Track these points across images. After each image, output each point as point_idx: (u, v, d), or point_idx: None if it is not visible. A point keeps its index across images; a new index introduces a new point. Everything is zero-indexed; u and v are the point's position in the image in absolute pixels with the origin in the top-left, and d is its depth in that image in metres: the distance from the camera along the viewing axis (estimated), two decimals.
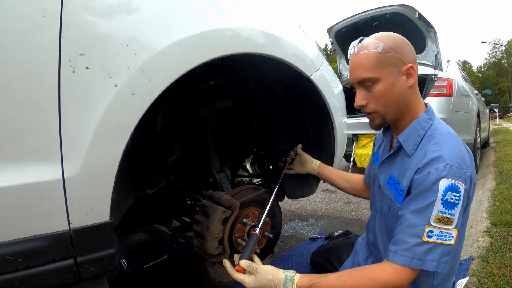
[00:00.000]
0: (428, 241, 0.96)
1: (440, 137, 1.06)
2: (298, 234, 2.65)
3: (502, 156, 5.28)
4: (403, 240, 1.01)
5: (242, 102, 1.68)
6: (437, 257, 0.97)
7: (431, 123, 1.12)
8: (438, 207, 0.96)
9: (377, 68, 1.09)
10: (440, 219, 0.96)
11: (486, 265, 1.69)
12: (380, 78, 1.09)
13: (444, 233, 0.96)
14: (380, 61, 1.08)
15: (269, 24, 1.25)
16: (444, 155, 0.99)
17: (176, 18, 0.98)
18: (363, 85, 1.13)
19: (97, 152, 0.84)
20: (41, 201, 0.80)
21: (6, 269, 0.78)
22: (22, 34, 0.76)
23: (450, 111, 3.63)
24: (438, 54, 3.77)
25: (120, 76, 0.85)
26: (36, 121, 0.78)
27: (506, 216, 2.31)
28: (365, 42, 1.12)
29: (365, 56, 1.10)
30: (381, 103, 1.13)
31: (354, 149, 3.90)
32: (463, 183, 0.97)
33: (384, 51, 1.08)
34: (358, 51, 1.13)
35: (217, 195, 1.36)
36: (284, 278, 1.10)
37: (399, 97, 1.11)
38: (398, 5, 3.65)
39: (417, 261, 0.97)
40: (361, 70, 1.11)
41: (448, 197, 0.96)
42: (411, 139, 1.12)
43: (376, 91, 1.11)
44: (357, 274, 1.05)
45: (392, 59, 1.08)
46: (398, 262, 1.00)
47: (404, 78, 1.10)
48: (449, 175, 0.96)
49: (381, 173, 1.28)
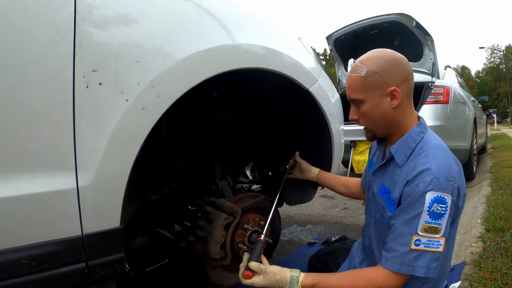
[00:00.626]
0: (415, 249, 1.03)
1: (430, 150, 1.11)
2: (296, 239, 2.69)
3: (499, 162, 5.32)
4: (393, 248, 1.08)
5: (243, 112, 1.73)
6: (426, 264, 1.03)
7: (422, 136, 1.16)
8: (424, 218, 1.02)
9: (361, 91, 1.16)
10: (427, 229, 1.02)
11: (478, 270, 1.74)
12: (364, 100, 1.17)
13: (431, 241, 1.03)
14: (363, 84, 1.15)
15: (270, 39, 1.31)
16: (432, 168, 1.04)
17: (183, 35, 1.04)
18: (353, 103, 1.22)
19: (109, 163, 0.89)
20: (56, 208, 0.84)
21: (20, 272, 0.82)
22: (38, 50, 0.82)
23: (446, 119, 3.68)
24: (435, 62, 3.82)
25: (131, 91, 0.91)
26: (52, 134, 0.84)
27: (500, 222, 2.36)
28: (356, 64, 1.19)
29: (352, 79, 1.18)
30: (368, 120, 1.21)
31: (352, 155, 3.95)
32: (449, 195, 1.02)
33: (367, 75, 1.14)
34: (348, 73, 1.21)
35: (219, 202, 1.42)
36: (290, 277, 1.17)
37: (383, 117, 1.18)
38: (396, 13, 3.70)
39: (407, 267, 1.04)
40: (349, 91, 1.21)
41: (434, 209, 1.01)
42: (402, 151, 1.17)
43: (362, 110, 1.19)
44: (355, 275, 1.14)
45: (375, 82, 1.14)
46: (389, 267, 1.07)
47: (388, 99, 1.15)
48: (435, 188, 1.02)
49: (374, 181, 1.33)
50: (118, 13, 0.94)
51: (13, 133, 0.80)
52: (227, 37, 1.14)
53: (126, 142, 0.92)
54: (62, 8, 0.85)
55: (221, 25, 1.16)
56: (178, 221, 2.08)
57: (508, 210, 2.63)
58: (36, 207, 0.83)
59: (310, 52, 1.60)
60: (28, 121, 0.81)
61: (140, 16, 0.98)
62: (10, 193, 0.79)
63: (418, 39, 3.73)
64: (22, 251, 0.82)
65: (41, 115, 0.82)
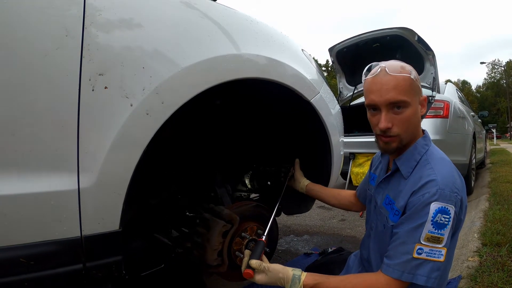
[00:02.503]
0: (417, 257, 1.04)
1: (435, 162, 1.13)
2: (292, 249, 2.69)
3: (497, 177, 5.31)
4: (395, 256, 1.08)
5: (244, 121, 1.74)
6: (427, 272, 1.04)
7: (427, 148, 1.18)
8: (428, 228, 1.03)
9: (410, 93, 1.12)
10: (430, 238, 1.03)
11: (474, 284, 1.74)
12: (411, 104, 1.12)
13: (433, 251, 1.04)
14: (412, 86, 1.13)
15: (273, 50, 1.33)
16: (437, 179, 1.06)
17: (188, 43, 1.06)
18: (393, 107, 1.13)
19: (112, 166, 0.90)
20: (56, 209, 0.85)
21: (18, 271, 0.82)
22: (46, 52, 0.83)
23: (446, 133, 3.69)
24: (436, 76, 3.84)
25: (135, 96, 0.92)
26: (56, 135, 0.85)
27: (497, 236, 2.36)
28: (396, 65, 1.14)
29: (401, 79, 1.11)
30: (405, 127, 1.14)
31: (351, 167, 3.96)
32: (453, 206, 1.04)
33: (415, 79, 1.14)
34: (392, 72, 1.12)
35: (218, 209, 1.43)
36: (292, 276, 1.18)
37: (417, 124, 1.19)
38: (398, 27, 3.73)
39: (408, 274, 1.05)
40: (397, 92, 1.10)
41: (438, 219, 1.03)
42: (408, 162, 1.18)
43: (404, 115, 1.13)
44: (356, 279, 1.16)
45: (418, 88, 1.15)
46: (390, 274, 1.08)
47: (419, 107, 1.17)
48: (440, 198, 1.03)
49: (378, 193, 1.33)
50: (126, 18, 0.96)
51: (17, 133, 0.81)
52: (231, 47, 1.16)
53: (129, 146, 0.93)
54: (71, 11, 0.87)
55: (226, 34, 1.18)
56: (176, 227, 2.08)
57: (505, 225, 2.63)
58: (36, 207, 0.83)
59: (312, 64, 1.62)
60: (33, 121, 0.83)
61: (147, 22, 1.00)
62: (11, 191, 0.80)
63: (420, 53, 3.75)
64: (21, 249, 0.83)
65: (46, 116, 0.84)
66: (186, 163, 1.68)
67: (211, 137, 1.66)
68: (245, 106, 1.66)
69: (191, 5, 1.15)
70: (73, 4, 0.87)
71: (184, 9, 1.13)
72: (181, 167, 1.67)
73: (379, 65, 1.16)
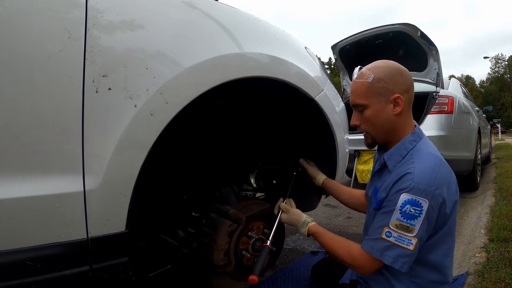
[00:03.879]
0: (386, 239, 1.14)
1: (419, 157, 1.17)
2: (299, 248, 2.68)
3: (503, 172, 5.27)
4: (370, 233, 1.21)
5: (249, 120, 1.74)
6: (394, 255, 1.12)
7: (414, 144, 1.23)
8: (396, 215, 1.11)
9: (366, 96, 1.23)
10: (399, 226, 1.11)
11: (482, 280, 1.73)
12: (369, 105, 1.23)
13: (402, 238, 1.11)
14: (369, 90, 1.22)
15: (277, 48, 1.33)
16: (414, 173, 1.11)
17: (191, 43, 1.06)
18: (357, 108, 1.27)
19: (117, 167, 0.91)
20: (62, 211, 0.86)
21: (25, 273, 0.83)
22: (49, 54, 0.84)
23: (450, 129, 3.67)
24: (440, 72, 3.82)
25: (139, 97, 0.92)
26: (61, 137, 0.85)
27: (504, 232, 2.34)
28: (363, 71, 1.25)
29: (359, 84, 1.24)
30: (369, 126, 1.27)
31: (356, 165, 3.94)
32: (427, 200, 1.08)
33: (374, 82, 1.20)
34: (355, 78, 1.27)
35: (224, 209, 1.43)
36: (303, 220, 1.47)
37: (385, 123, 1.24)
38: (400, 23, 3.71)
39: (376, 252, 1.16)
40: (354, 96, 1.26)
41: (407, 209, 1.09)
42: (394, 157, 1.25)
43: (365, 115, 1.25)
44: (342, 243, 1.31)
45: (380, 89, 1.21)
46: (363, 247, 1.21)
47: (391, 106, 1.22)
48: (411, 191, 1.09)
49: (371, 185, 1.41)
50: (128, 20, 0.96)
51: (22, 136, 0.81)
52: (234, 46, 1.16)
53: (134, 147, 0.93)
54: (73, 14, 0.87)
55: (228, 34, 1.18)
56: (182, 227, 2.08)
57: None
58: (42, 209, 0.84)
59: (315, 61, 1.61)
60: (38, 124, 0.83)
61: (149, 23, 1.00)
62: (17, 194, 0.81)
63: (423, 49, 3.74)
64: (27, 252, 0.83)
65: (50, 118, 0.84)
66: (192, 163, 1.68)
67: (216, 136, 1.66)
68: (249, 105, 1.65)
69: (193, 5, 1.15)
70: (75, 6, 0.88)
71: (186, 9, 1.13)
72: (187, 167, 1.67)
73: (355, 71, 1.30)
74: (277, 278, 2.04)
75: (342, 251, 1.27)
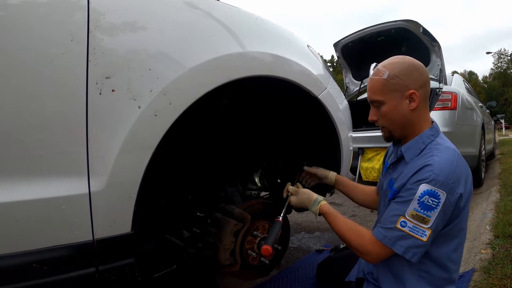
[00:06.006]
0: (400, 228, 1.14)
1: (438, 151, 1.18)
2: (304, 246, 2.68)
3: (508, 168, 5.26)
4: (384, 221, 1.20)
5: (253, 119, 1.74)
6: (406, 245, 1.13)
7: (432, 139, 1.24)
8: (414, 205, 1.12)
9: (382, 93, 1.25)
10: (415, 216, 1.11)
11: (488, 277, 1.73)
12: (385, 101, 1.26)
13: (417, 228, 1.11)
14: (384, 86, 1.24)
15: (279, 47, 1.32)
16: (434, 165, 1.12)
17: (193, 44, 1.06)
18: (374, 104, 1.30)
19: (122, 169, 0.91)
20: (68, 213, 0.86)
21: (31, 276, 0.83)
22: (53, 57, 0.84)
23: (454, 125, 3.66)
24: (443, 68, 3.80)
25: (143, 98, 0.92)
26: (65, 140, 0.85)
27: (509, 228, 2.34)
28: (378, 68, 1.27)
29: (375, 81, 1.27)
30: (386, 121, 1.29)
31: (360, 162, 3.93)
32: (445, 193, 1.09)
33: (389, 78, 1.23)
34: (371, 75, 1.30)
35: (229, 208, 1.43)
36: (315, 198, 1.46)
37: (401, 118, 1.26)
38: (403, 20, 3.70)
39: (389, 240, 1.16)
40: (370, 93, 1.29)
41: (425, 200, 1.10)
42: (412, 150, 1.26)
43: (382, 111, 1.28)
44: (354, 228, 1.31)
45: (396, 85, 1.23)
46: (375, 234, 1.21)
47: (407, 101, 1.23)
48: (431, 182, 1.10)
49: (385, 178, 1.41)
50: (130, 21, 0.96)
51: (26, 139, 0.81)
52: (237, 45, 1.16)
53: (138, 148, 0.93)
54: (75, 16, 0.87)
55: (231, 33, 1.17)
56: (187, 227, 2.08)
57: None
58: (48, 212, 0.84)
59: (318, 60, 1.61)
60: (42, 127, 0.83)
61: (152, 24, 1.00)
62: (23, 197, 0.81)
63: (425, 45, 3.72)
64: (33, 255, 0.83)
65: (54, 121, 0.84)
66: (196, 164, 1.68)
67: (219, 136, 1.66)
68: (253, 105, 1.65)
69: (195, 5, 1.14)
70: (77, 9, 0.88)
71: (188, 10, 1.13)
72: (191, 167, 1.66)
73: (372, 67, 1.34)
74: (283, 276, 2.04)
75: (353, 235, 1.28)
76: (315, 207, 1.43)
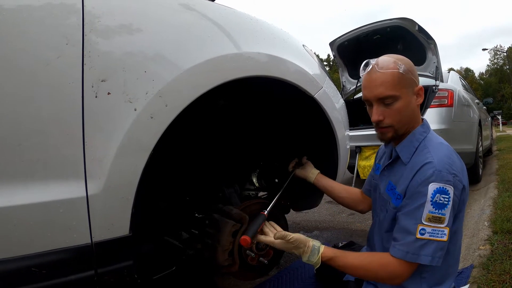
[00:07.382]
0: (421, 238, 1.09)
1: (433, 147, 1.18)
2: None
3: (505, 164, 5.27)
4: (399, 238, 1.14)
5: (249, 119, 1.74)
6: (431, 252, 1.09)
7: (425, 135, 1.24)
8: (428, 208, 1.08)
9: (398, 87, 1.17)
10: (431, 219, 1.08)
11: (487, 273, 1.73)
12: (401, 97, 1.18)
13: (436, 230, 1.08)
14: (401, 80, 1.18)
15: (275, 47, 1.33)
16: (434, 161, 1.11)
17: (189, 45, 1.06)
18: (383, 101, 1.20)
19: (119, 171, 0.91)
20: (66, 217, 0.86)
21: (30, 280, 0.83)
22: (48, 61, 0.84)
23: (451, 122, 3.66)
24: (439, 66, 3.82)
25: (139, 101, 0.92)
26: (62, 143, 0.85)
27: (507, 224, 2.34)
28: (386, 61, 1.19)
29: (388, 75, 1.17)
30: (397, 118, 1.21)
31: (358, 161, 3.94)
32: (451, 186, 1.08)
33: (405, 72, 1.18)
34: (380, 69, 1.18)
35: (227, 209, 1.44)
36: (312, 246, 1.26)
37: (410, 114, 1.23)
38: (398, 18, 3.70)
39: (412, 255, 1.10)
40: (384, 88, 1.17)
41: (437, 199, 1.08)
42: (407, 149, 1.24)
43: (395, 108, 1.19)
44: (371, 258, 1.23)
45: (409, 80, 1.20)
46: (395, 254, 1.13)
47: (415, 97, 1.23)
48: (437, 179, 1.08)
49: (381, 180, 1.38)
50: (125, 24, 0.96)
51: (23, 142, 0.81)
52: (232, 46, 1.16)
53: (135, 151, 0.93)
54: (70, 20, 0.87)
55: (226, 34, 1.17)
56: (186, 229, 2.08)
57: None
58: (46, 216, 0.84)
59: (314, 59, 1.62)
60: (38, 131, 0.83)
61: (147, 26, 1.00)
62: (20, 201, 0.81)
63: (421, 43, 3.73)
64: (32, 259, 0.83)
65: (51, 125, 0.84)
66: (193, 165, 1.68)
67: (217, 137, 1.66)
68: (249, 105, 1.65)
69: (190, 6, 1.15)
70: (72, 12, 0.87)
71: (183, 11, 1.13)
72: (189, 168, 1.67)
73: (371, 61, 1.23)
74: (282, 276, 2.05)
75: (375, 268, 1.18)
76: (315, 257, 1.24)
